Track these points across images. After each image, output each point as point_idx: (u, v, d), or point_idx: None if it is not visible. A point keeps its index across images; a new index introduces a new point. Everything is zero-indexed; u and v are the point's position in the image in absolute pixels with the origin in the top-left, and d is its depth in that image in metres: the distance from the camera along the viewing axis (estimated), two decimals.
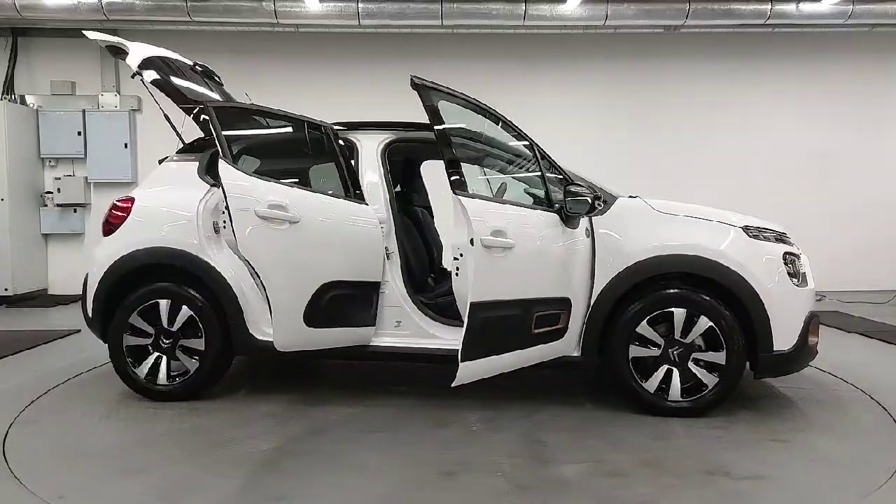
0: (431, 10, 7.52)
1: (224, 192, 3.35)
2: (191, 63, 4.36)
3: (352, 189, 3.91)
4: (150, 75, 3.83)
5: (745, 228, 3.79)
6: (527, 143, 3.73)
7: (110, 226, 4.04)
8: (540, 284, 3.49)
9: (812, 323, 3.71)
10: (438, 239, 5.31)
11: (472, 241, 3.14)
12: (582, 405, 3.91)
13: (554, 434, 3.43)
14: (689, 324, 3.59)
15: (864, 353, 5.26)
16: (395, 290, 3.89)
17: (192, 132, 4.38)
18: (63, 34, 8.06)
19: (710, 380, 3.60)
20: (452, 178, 3.20)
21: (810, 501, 2.69)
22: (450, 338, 3.77)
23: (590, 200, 3.50)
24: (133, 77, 3.91)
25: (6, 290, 7.72)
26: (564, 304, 3.60)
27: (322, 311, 3.60)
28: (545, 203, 3.62)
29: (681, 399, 3.61)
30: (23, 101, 8.27)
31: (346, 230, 3.71)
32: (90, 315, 4.04)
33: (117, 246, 3.96)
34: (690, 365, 3.61)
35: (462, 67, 8.43)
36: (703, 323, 3.57)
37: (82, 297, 4.14)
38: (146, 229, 3.96)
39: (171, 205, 4.01)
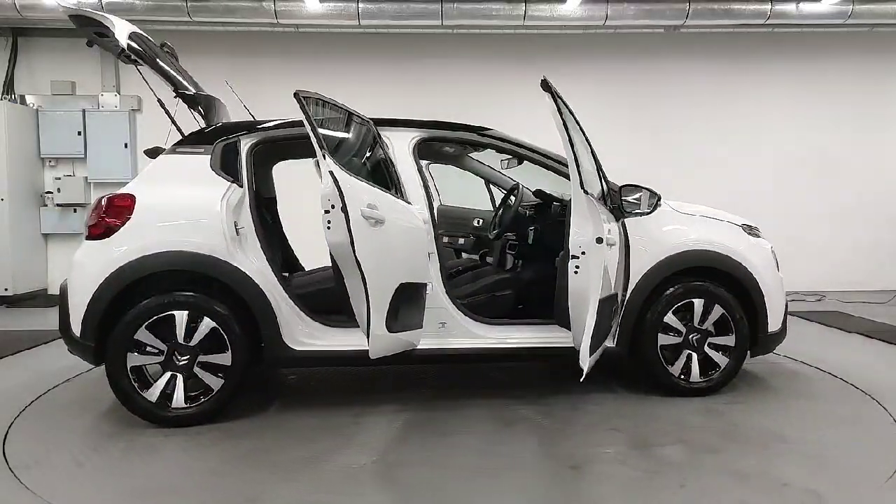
0: (431, 10, 7.52)
1: (340, 192, 3.09)
2: (159, 43, 4.13)
3: (401, 188, 3.74)
4: (136, 50, 3.61)
5: (742, 226, 4.28)
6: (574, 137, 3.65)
7: (104, 227, 3.50)
8: (616, 280, 3.70)
9: (787, 305, 4.37)
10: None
11: (598, 240, 3.29)
12: (613, 391, 4.15)
13: (619, 420, 3.65)
14: (706, 312, 3.99)
15: (864, 353, 5.26)
16: (437, 291, 3.79)
17: (189, 127, 4.32)
18: (63, 34, 8.05)
19: (722, 360, 4.01)
20: (581, 177, 3.35)
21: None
22: (493, 337, 3.86)
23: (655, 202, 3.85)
24: (119, 56, 3.64)
25: (6, 290, 7.72)
26: (616, 298, 3.83)
27: (394, 315, 3.39)
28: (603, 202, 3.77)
29: (700, 380, 4.00)
30: (23, 101, 8.27)
31: (410, 230, 3.55)
32: (77, 334, 3.44)
33: (119, 251, 3.44)
34: (707, 349, 4.00)
35: (462, 67, 8.44)
36: (717, 311, 3.98)
37: (61, 313, 3.55)
38: (158, 231, 3.50)
39: (186, 203, 3.58)
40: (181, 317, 3.45)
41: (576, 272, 3.34)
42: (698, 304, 3.97)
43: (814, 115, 8.75)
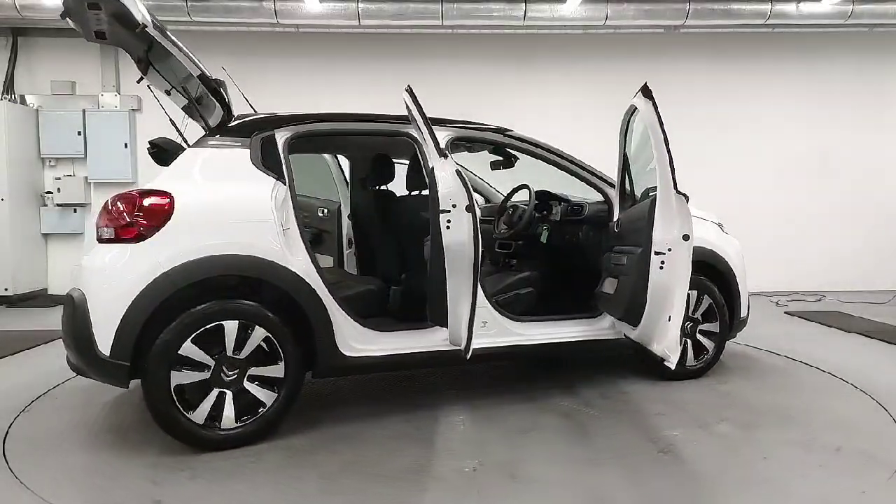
0: (431, 10, 7.53)
1: (468, 192, 3.16)
2: None
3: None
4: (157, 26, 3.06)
5: (718, 224, 4.68)
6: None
7: (137, 229, 3.06)
8: None
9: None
10: None
11: (684, 237, 3.39)
12: (625, 377, 4.39)
13: (654, 405, 3.86)
14: (698, 303, 4.34)
15: (864, 353, 5.26)
16: (479, 291, 3.79)
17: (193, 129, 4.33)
18: (63, 34, 8.05)
19: (709, 345, 4.41)
20: (675, 178, 3.44)
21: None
22: (529, 333, 3.93)
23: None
24: (138, 30, 3.04)
25: (6, 290, 7.72)
26: None
27: None
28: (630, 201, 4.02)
29: (694, 363, 4.36)
30: (23, 101, 8.27)
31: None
32: (105, 353, 2.96)
33: (162, 255, 3.04)
34: (698, 335, 4.37)
35: (462, 67, 8.44)
36: (706, 301, 4.36)
37: (76, 330, 3.04)
38: (205, 233, 3.14)
39: (233, 201, 3.26)
40: (231, 327, 3.11)
41: (661, 267, 3.44)
42: (693, 295, 4.22)
43: (814, 115, 8.75)
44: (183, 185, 3.22)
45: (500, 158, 4.65)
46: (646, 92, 3.53)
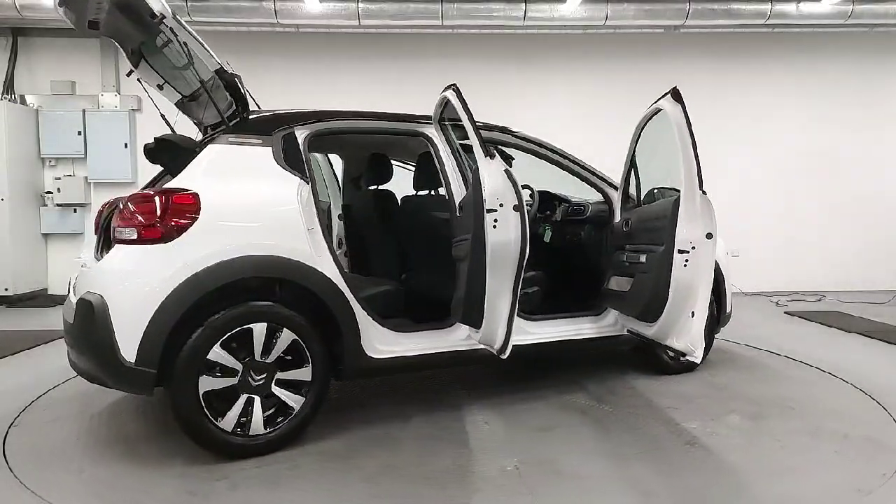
0: (431, 10, 7.53)
1: (518, 191, 3.19)
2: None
3: (450, 185, 3.76)
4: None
5: None
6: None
7: (163, 230, 2.92)
8: None
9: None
10: None
11: (707, 236, 3.44)
12: (625, 373, 4.50)
13: (663, 399, 3.98)
14: None
15: (864, 353, 5.26)
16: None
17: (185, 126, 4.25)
18: (63, 34, 8.06)
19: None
20: (699, 175, 3.49)
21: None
22: (541, 332, 3.97)
23: None
24: (156, 20, 2.99)
25: (6, 290, 7.72)
26: None
27: None
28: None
29: (682, 360, 4.37)
30: (23, 101, 8.27)
31: None
32: (130, 360, 2.81)
33: (192, 256, 2.92)
34: None
35: (462, 67, 8.44)
36: None
37: (95, 338, 2.86)
38: (235, 233, 3.04)
39: (261, 201, 3.17)
40: (260, 330, 3.02)
41: (685, 265, 3.47)
42: None
43: (814, 115, 8.75)
44: (207, 184, 3.07)
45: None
46: (676, 95, 3.60)
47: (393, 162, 4.39)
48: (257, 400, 3.04)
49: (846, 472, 2.94)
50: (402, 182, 4.50)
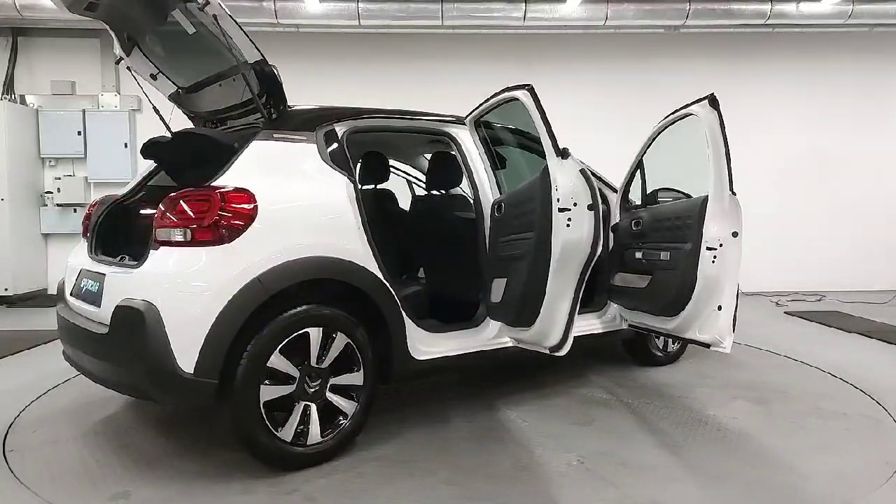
0: (431, 10, 7.53)
1: (593, 191, 3.23)
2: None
3: (475, 182, 3.78)
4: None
5: None
6: None
7: (220, 230, 2.72)
8: None
9: None
10: None
11: (734, 234, 3.56)
12: (622, 366, 4.64)
13: (674, 390, 4.16)
14: None
15: (864, 353, 5.26)
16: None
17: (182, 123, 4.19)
18: (63, 34, 8.06)
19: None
20: (731, 180, 3.63)
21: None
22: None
23: None
24: (201, 7, 3.00)
25: (6, 290, 7.72)
26: None
27: None
28: None
29: (670, 350, 4.73)
30: (23, 101, 8.27)
31: None
32: (189, 371, 2.61)
33: (254, 258, 2.75)
34: None
35: (462, 67, 8.44)
36: None
37: (148, 348, 2.61)
38: (295, 234, 2.89)
39: (316, 200, 3.04)
40: (316, 334, 2.90)
41: (713, 262, 3.55)
42: None
43: (814, 115, 8.75)
44: (259, 183, 2.88)
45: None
46: (713, 102, 3.64)
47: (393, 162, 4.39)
48: (313, 407, 2.92)
49: (868, 448, 3.21)
50: (394, 181, 4.48)
